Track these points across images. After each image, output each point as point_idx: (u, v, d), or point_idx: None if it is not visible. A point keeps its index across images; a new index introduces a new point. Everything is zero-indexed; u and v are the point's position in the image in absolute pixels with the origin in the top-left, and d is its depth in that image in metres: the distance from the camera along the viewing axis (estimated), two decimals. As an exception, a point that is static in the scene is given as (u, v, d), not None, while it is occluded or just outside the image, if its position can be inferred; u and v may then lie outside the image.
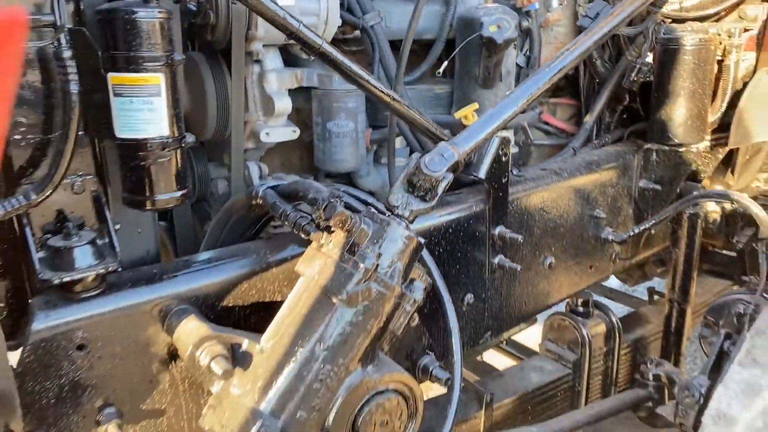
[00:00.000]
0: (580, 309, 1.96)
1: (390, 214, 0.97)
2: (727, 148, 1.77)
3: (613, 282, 2.77)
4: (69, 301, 0.91)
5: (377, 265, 0.91)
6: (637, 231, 1.71)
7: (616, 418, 1.96)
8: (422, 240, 0.96)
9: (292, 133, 1.37)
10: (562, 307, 1.98)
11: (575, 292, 1.78)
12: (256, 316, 1.07)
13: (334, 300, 0.90)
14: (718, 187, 1.97)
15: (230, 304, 1.05)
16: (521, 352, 2.33)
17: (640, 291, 2.69)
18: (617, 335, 1.97)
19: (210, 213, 1.45)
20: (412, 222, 1.00)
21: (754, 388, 1.05)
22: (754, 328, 1.13)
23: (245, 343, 0.92)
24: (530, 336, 2.25)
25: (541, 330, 2.01)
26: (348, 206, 0.98)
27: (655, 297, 2.43)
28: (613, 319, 1.99)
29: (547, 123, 1.93)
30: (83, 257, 0.91)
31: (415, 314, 1.12)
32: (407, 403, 0.96)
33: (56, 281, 0.88)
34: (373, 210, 0.97)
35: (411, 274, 0.97)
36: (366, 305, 0.90)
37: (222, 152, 1.44)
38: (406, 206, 0.97)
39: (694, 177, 1.84)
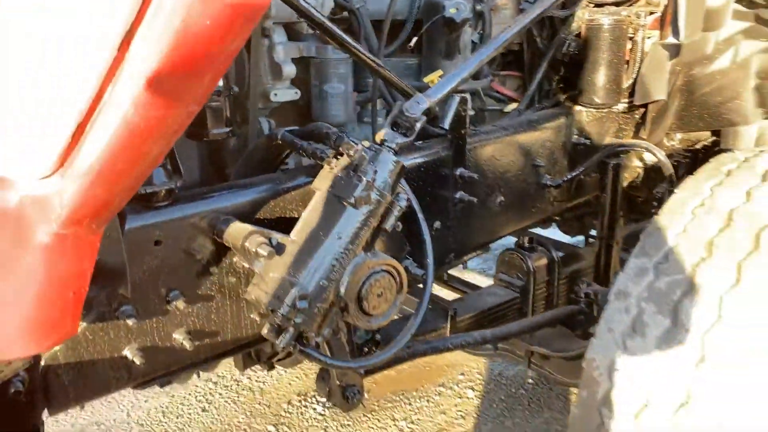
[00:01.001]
0: (527, 245, 2.38)
1: (381, 145, 1.34)
2: (642, 110, 2.19)
3: (561, 236, 3.21)
4: (148, 209, 1.25)
5: (374, 180, 1.27)
6: (569, 177, 2.11)
7: (556, 334, 2.38)
8: (405, 163, 1.32)
9: (294, 94, 1.71)
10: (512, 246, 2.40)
11: (521, 227, 2.17)
12: (279, 228, 1.41)
13: (345, 203, 1.25)
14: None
15: (260, 217, 1.39)
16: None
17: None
18: (557, 267, 2.40)
19: (226, 161, 1.77)
20: (397, 152, 1.36)
21: (643, 270, 1.46)
22: (646, 231, 1.54)
23: (280, 236, 1.27)
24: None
25: (496, 264, 2.43)
26: (350, 140, 1.34)
27: (591, 240, 2.87)
28: (554, 254, 2.42)
29: (498, 92, 2.32)
30: (158, 176, 1.24)
31: (399, 223, 1.49)
32: (395, 281, 1.33)
33: (141, 191, 1.21)
34: (368, 142, 1.33)
35: (397, 191, 1.34)
36: (367, 208, 1.26)
37: (234, 112, 1.76)
38: (393, 140, 1.34)
39: (618, 134, 2.25)
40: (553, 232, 3.17)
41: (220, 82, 1.25)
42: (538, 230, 2.89)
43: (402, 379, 3.08)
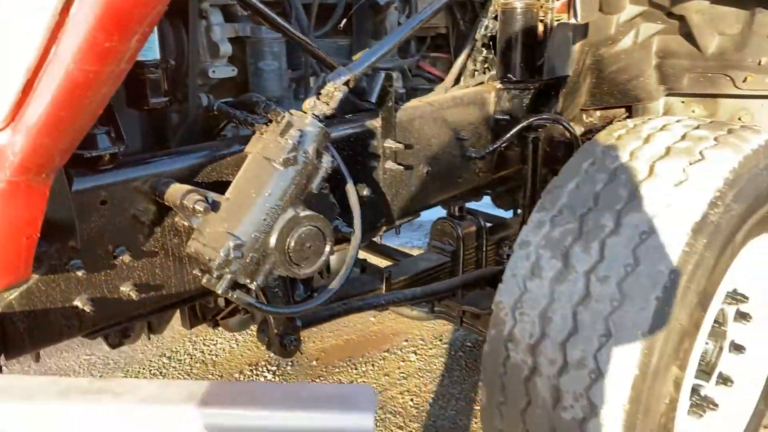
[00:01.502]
0: (457, 214, 2.58)
1: (306, 113, 1.49)
2: (556, 87, 2.40)
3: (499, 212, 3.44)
4: (94, 172, 1.37)
5: (300, 143, 1.43)
6: (491, 149, 2.31)
7: (486, 295, 2.59)
8: (337, 134, 1.49)
9: (231, 71, 1.84)
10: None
11: (449, 196, 2.36)
12: (217, 191, 1.56)
13: (274, 164, 1.41)
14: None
15: (198, 180, 1.53)
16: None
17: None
18: (485, 234, 2.60)
19: (169, 134, 1.90)
20: (320, 119, 1.52)
21: (541, 222, 1.66)
22: (546, 189, 1.75)
23: (216, 195, 1.41)
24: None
25: (430, 233, 2.62)
26: (278, 110, 1.49)
27: (518, 211, 3.10)
28: (482, 223, 2.62)
29: (429, 72, 2.50)
30: (102, 141, 1.37)
31: (327, 185, 1.66)
32: (322, 234, 1.50)
33: (87, 155, 1.34)
34: (294, 111, 1.49)
35: (322, 154, 1.50)
36: (294, 168, 1.42)
37: (176, 88, 1.89)
38: (317, 107, 1.50)
39: (536, 110, 2.46)
40: (494, 210, 3.40)
41: (158, 55, 1.38)
42: (474, 205, 3.09)
43: (349, 347, 3.26)
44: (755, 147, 1.60)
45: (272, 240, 1.42)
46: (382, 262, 2.94)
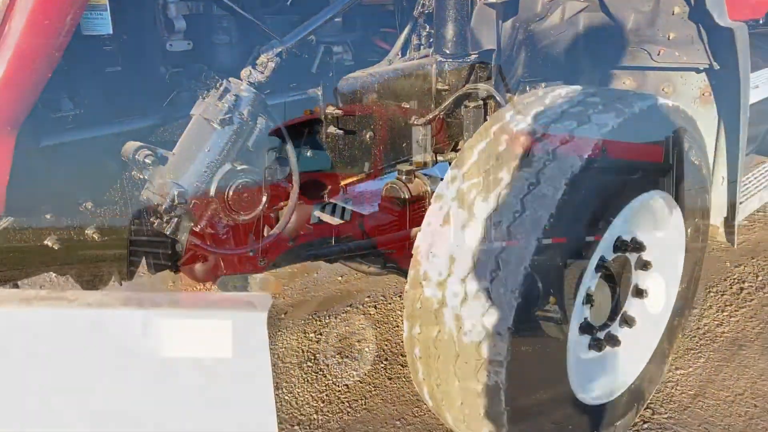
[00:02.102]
0: (405, 176, 2.82)
1: (242, 81, 1.73)
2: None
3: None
4: (60, 131, 1.62)
5: (235, 106, 1.67)
6: (431, 116, 2.54)
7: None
8: (262, 95, 1.73)
9: (187, 45, 2.07)
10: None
11: (397, 161, 2.60)
12: (167, 148, 1.80)
13: (213, 124, 1.65)
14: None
15: (153, 140, 1.78)
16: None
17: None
18: (432, 195, 2.85)
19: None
20: (254, 86, 1.75)
21: (454, 178, 1.90)
22: (461, 150, 1.99)
23: (164, 151, 1.66)
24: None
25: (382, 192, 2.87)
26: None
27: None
28: (429, 185, 2.87)
29: (380, 47, 2.73)
30: (66, 104, 1.61)
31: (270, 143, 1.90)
32: (258, 185, 1.75)
33: (53, 116, 1.58)
34: (232, 79, 1.72)
35: (257, 116, 1.74)
36: (230, 128, 1.66)
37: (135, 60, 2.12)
38: (251, 76, 1.73)
39: (475, 81, 2.68)
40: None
41: (111, 30, 1.62)
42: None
43: (315, 303, 3.53)
44: (636, 111, 1.84)
45: (212, 189, 1.67)
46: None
